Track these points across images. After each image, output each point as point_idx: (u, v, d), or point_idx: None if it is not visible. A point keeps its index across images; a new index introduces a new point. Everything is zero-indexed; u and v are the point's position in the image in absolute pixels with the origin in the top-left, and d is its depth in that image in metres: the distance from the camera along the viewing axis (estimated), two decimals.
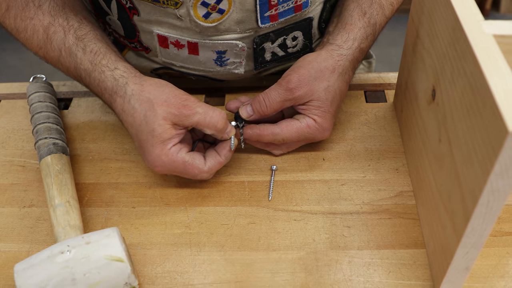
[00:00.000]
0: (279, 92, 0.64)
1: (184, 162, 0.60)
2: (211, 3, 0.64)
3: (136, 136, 0.60)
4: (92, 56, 0.64)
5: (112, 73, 0.62)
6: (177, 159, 0.60)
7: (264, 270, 0.57)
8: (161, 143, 0.59)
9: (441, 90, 0.52)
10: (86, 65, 0.64)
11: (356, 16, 0.68)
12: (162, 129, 0.59)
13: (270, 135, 0.65)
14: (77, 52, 0.64)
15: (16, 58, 2.59)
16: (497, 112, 0.37)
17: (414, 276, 0.56)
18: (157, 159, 0.60)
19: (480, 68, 0.41)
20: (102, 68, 0.63)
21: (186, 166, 0.61)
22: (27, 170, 0.70)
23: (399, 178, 0.66)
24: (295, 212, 0.63)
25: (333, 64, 0.65)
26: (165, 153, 0.60)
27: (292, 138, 0.66)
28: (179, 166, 0.60)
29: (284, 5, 0.68)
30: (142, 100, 0.60)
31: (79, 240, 0.53)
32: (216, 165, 0.63)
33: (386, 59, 2.43)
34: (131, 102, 0.60)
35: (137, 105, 0.60)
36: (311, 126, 0.65)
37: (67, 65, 0.66)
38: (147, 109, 0.59)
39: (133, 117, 0.60)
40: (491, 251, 0.57)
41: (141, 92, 0.60)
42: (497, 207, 0.41)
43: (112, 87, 0.62)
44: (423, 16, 0.59)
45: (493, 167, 0.38)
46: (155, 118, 0.59)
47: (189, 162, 0.61)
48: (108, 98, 0.63)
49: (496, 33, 0.45)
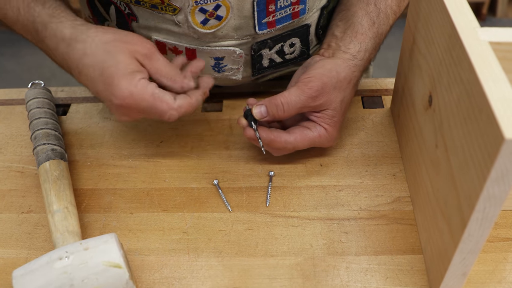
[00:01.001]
0: (300, 98, 0.63)
1: (153, 94, 0.58)
2: (209, 10, 0.65)
3: (100, 75, 0.58)
4: (52, 10, 0.63)
5: (72, 23, 0.61)
6: (146, 91, 0.57)
7: (262, 276, 0.57)
8: (129, 74, 0.57)
9: (437, 96, 0.52)
10: (44, 18, 0.62)
11: (366, 25, 0.68)
12: (129, 61, 0.58)
13: (283, 143, 0.65)
14: (35, 7, 0.63)
15: (14, 63, 2.59)
16: (493, 119, 0.37)
17: (412, 282, 0.56)
18: (126, 91, 0.57)
19: (476, 75, 0.41)
20: (61, 19, 0.61)
21: (155, 99, 0.58)
22: (26, 176, 0.70)
23: (396, 183, 0.66)
24: (292, 218, 0.63)
25: (350, 75, 0.65)
26: (134, 84, 0.57)
27: (304, 146, 0.66)
28: (148, 99, 0.58)
29: (281, 11, 0.68)
30: (106, 40, 0.59)
31: (77, 246, 0.53)
32: (186, 105, 0.60)
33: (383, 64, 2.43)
34: (95, 41, 0.58)
35: (100, 45, 0.58)
36: (322, 135, 0.65)
37: (25, 22, 0.64)
38: (112, 46, 0.58)
39: (96, 56, 0.58)
40: (488, 257, 0.58)
41: (105, 33, 0.59)
42: (493, 213, 0.42)
43: (70, 35, 0.60)
44: (420, 23, 0.59)
45: (490, 173, 0.38)
46: (120, 52, 0.58)
47: (158, 95, 0.58)
48: (64, 48, 0.60)
49: (492, 40, 0.45)
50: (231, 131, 0.75)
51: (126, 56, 0.58)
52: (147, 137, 0.75)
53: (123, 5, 0.68)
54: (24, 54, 2.60)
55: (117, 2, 0.68)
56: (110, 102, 0.59)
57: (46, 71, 2.48)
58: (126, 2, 0.66)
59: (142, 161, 0.71)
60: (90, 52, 0.58)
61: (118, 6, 0.69)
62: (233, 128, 0.76)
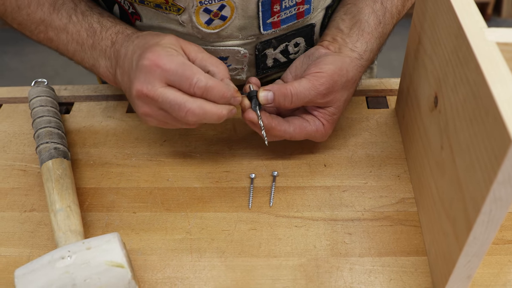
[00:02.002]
0: (310, 93, 0.61)
1: (183, 63, 0.56)
2: (213, 10, 0.64)
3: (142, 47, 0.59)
4: (112, 19, 0.66)
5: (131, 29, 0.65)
6: (177, 58, 0.56)
7: (265, 277, 0.57)
8: (166, 47, 0.57)
9: (443, 97, 0.52)
10: (105, 22, 0.65)
11: (373, 24, 0.67)
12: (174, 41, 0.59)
13: (282, 132, 0.64)
14: (93, 15, 0.66)
15: (17, 61, 2.59)
16: (500, 121, 0.37)
17: (416, 284, 0.55)
18: (156, 53, 0.56)
19: (483, 76, 0.41)
20: (122, 24, 0.65)
21: (184, 65, 0.56)
22: (28, 174, 0.70)
23: (401, 184, 0.66)
24: (296, 219, 0.63)
25: (356, 75, 0.65)
26: (170, 53, 0.57)
27: (299, 138, 0.66)
28: (177, 64, 0.56)
29: (286, 11, 0.68)
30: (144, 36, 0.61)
31: (80, 246, 0.53)
32: (215, 82, 0.57)
33: (387, 64, 2.43)
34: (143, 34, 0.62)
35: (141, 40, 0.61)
36: (319, 130, 0.65)
37: (78, 28, 0.66)
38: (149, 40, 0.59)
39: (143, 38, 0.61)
40: (493, 259, 0.57)
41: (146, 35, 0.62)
42: (499, 215, 0.41)
43: (125, 35, 0.63)
44: (426, 23, 0.59)
45: (496, 176, 0.38)
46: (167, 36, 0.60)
47: (188, 64, 0.57)
48: (117, 48, 0.63)
49: (499, 41, 0.45)
50: (234, 130, 0.75)
51: (172, 38, 0.59)
52: (150, 136, 0.75)
53: (127, 4, 0.68)
54: (28, 53, 2.61)
55: (121, 1, 0.68)
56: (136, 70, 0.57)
57: (49, 70, 2.48)
58: (130, 1, 0.66)
59: (145, 160, 0.71)
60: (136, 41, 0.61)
61: (122, 5, 0.69)
62: (236, 127, 0.75)
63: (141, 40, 0.61)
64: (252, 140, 0.73)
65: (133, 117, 0.78)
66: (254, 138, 0.73)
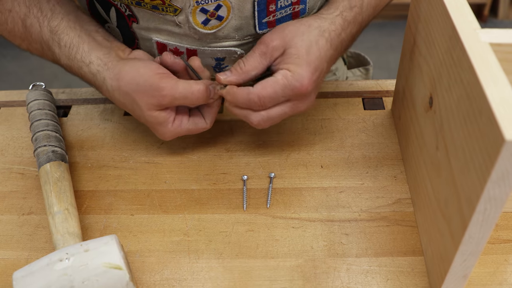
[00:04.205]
0: (254, 49, 0.62)
1: (188, 130, 0.66)
2: (210, 10, 0.65)
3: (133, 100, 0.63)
4: (67, 51, 0.67)
5: (89, 69, 0.65)
6: (181, 131, 0.65)
7: (262, 278, 0.57)
8: (160, 125, 0.64)
9: (438, 98, 0.52)
10: (65, 61, 0.67)
11: None
12: (153, 117, 0.63)
13: (245, 95, 0.60)
14: (54, 48, 0.67)
15: (15, 64, 2.59)
16: (493, 120, 0.37)
17: (412, 284, 0.56)
18: (166, 135, 0.65)
19: (476, 76, 0.41)
20: (79, 64, 0.66)
21: (191, 131, 0.66)
22: (26, 177, 0.70)
23: (397, 185, 0.66)
24: (293, 220, 0.63)
25: (308, 22, 0.63)
26: (169, 130, 0.64)
27: (269, 94, 0.59)
28: (186, 133, 0.66)
29: (281, 11, 0.68)
30: (124, 94, 0.63)
31: (78, 248, 0.53)
32: (214, 116, 0.67)
33: (384, 65, 2.43)
34: (116, 96, 0.64)
35: (121, 99, 0.64)
36: (287, 76, 0.59)
37: (51, 58, 0.69)
38: (132, 102, 0.63)
39: (125, 106, 0.65)
40: (489, 259, 0.57)
41: (119, 88, 0.63)
42: (494, 214, 0.42)
43: (94, 82, 0.66)
44: (420, 24, 0.59)
45: (490, 175, 0.38)
46: (141, 111, 0.63)
47: (192, 129, 0.66)
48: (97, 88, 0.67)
49: (492, 41, 0.45)
50: (231, 132, 0.75)
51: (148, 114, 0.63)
52: (147, 138, 0.75)
53: (123, 7, 0.68)
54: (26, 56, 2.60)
55: (117, 4, 0.68)
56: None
57: (47, 73, 2.48)
58: (126, 3, 0.66)
59: (142, 162, 0.71)
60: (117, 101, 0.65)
61: (119, 7, 0.69)
62: (234, 129, 0.75)
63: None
64: (249, 142, 0.73)
65: (130, 120, 0.78)
66: (251, 140, 0.73)
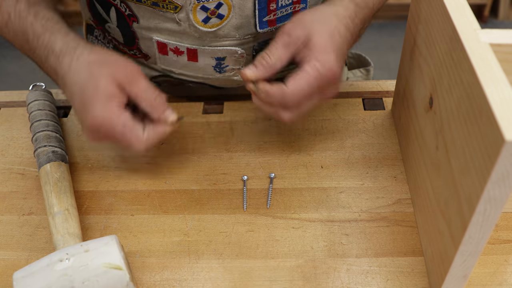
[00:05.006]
0: (276, 41, 0.60)
1: (124, 125, 0.58)
2: (210, 8, 0.65)
3: (80, 93, 0.58)
4: (45, 22, 0.63)
5: (64, 37, 0.62)
6: (118, 121, 0.57)
7: (263, 278, 0.57)
8: (105, 99, 0.57)
9: (438, 98, 0.52)
10: (36, 28, 0.63)
11: None
12: (108, 85, 0.57)
13: (280, 93, 0.59)
14: (28, 16, 0.63)
15: (15, 65, 2.59)
16: (493, 121, 0.37)
17: (412, 284, 0.56)
18: (99, 115, 0.57)
19: (476, 77, 0.41)
20: (54, 31, 0.62)
21: (125, 130, 0.58)
22: (27, 178, 0.70)
23: (397, 185, 0.66)
24: (293, 220, 0.63)
25: (324, 9, 0.62)
26: (108, 109, 0.57)
27: (303, 89, 0.59)
28: (118, 129, 0.58)
29: (282, 10, 0.68)
30: (91, 59, 0.59)
31: (78, 248, 0.53)
32: (154, 137, 0.60)
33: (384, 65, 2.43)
34: (80, 60, 0.59)
35: (85, 63, 0.59)
36: (316, 66, 0.58)
37: (15, 28, 0.64)
38: (96, 66, 0.58)
39: (79, 73, 0.58)
40: (489, 259, 0.57)
41: (90, 53, 0.59)
42: (494, 215, 0.42)
43: (61, 49, 0.61)
44: (420, 25, 0.59)
45: (490, 175, 0.38)
46: (101, 75, 0.57)
47: (129, 127, 0.58)
48: (53, 60, 0.61)
49: (493, 42, 0.45)
50: (232, 133, 0.75)
51: (107, 79, 0.57)
52: None
53: (123, 6, 0.68)
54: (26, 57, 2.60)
55: (117, 4, 0.68)
56: (83, 122, 0.59)
57: None
58: (127, 1, 0.66)
59: (143, 163, 0.71)
60: (74, 69, 0.59)
61: (119, 7, 0.69)
62: (234, 130, 0.76)
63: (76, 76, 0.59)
64: (249, 142, 0.73)
65: None
66: (252, 140, 0.73)
